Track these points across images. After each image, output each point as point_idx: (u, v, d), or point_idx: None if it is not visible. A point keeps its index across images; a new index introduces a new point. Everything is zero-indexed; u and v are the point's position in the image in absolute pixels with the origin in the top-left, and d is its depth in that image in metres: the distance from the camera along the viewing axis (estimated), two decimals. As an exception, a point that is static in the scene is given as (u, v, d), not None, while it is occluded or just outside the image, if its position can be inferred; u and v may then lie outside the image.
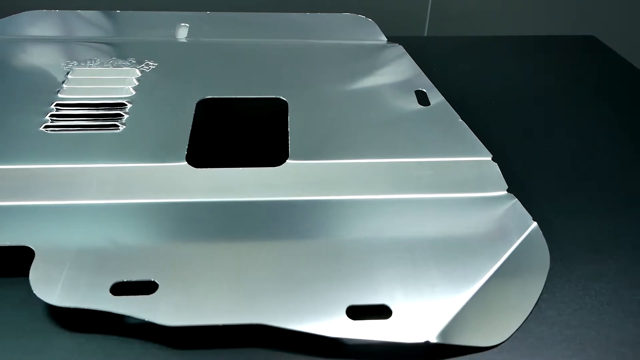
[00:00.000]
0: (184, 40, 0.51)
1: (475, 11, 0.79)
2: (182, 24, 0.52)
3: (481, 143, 0.38)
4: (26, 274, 0.31)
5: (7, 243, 0.30)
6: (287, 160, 0.36)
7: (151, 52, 0.47)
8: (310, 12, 0.56)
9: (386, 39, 0.53)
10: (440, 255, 0.31)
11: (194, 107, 0.40)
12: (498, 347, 0.28)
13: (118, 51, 0.47)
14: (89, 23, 0.52)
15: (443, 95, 0.43)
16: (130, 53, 0.47)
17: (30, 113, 0.39)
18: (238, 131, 0.43)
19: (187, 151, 0.36)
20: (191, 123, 0.38)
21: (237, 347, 0.28)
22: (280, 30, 0.53)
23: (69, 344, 0.28)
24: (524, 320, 0.30)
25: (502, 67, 0.58)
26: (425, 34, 0.82)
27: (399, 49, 0.51)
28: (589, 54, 0.63)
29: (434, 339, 0.27)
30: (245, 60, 0.48)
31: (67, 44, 0.49)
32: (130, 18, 0.53)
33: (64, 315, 0.29)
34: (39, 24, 0.52)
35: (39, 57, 0.47)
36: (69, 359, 0.27)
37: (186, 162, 0.35)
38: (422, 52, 0.52)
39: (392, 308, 0.28)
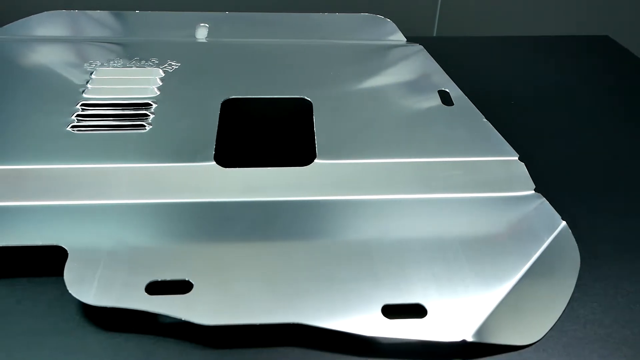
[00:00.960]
0: (205, 41, 0.51)
1: (485, 11, 0.79)
2: (202, 24, 0.52)
3: (507, 143, 0.38)
4: (59, 274, 0.31)
5: (40, 242, 0.31)
6: (315, 160, 0.36)
7: (173, 52, 0.47)
8: (318, 12, 0.56)
9: (405, 39, 0.53)
10: (472, 254, 0.32)
11: (219, 107, 0.40)
12: (533, 345, 0.28)
13: (140, 51, 0.47)
14: (108, 23, 0.53)
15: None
16: (152, 53, 0.47)
17: (56, 113, 0.39)
18: (263, 131, 0.43)
19: (215, 151, 0.36)
20: (217, 123, 0.39)
21: (272, 347, 0.28)
22: (299, 31, 0.53)
23: (105, 343, 0.28)
24: (557, 319, 0.30)
25: (515, 67, 0.59)
26: (434, 34, 0.82)
27: (419, 48, 0.51)
28: (604, 54, 0.63)
29: (470, 338, 0.27)
30: (267, 60, 0.48)
31: (89, 44, 0.49)
32: (149, 18, 0.53)
33: (99, 314, 0.29)
34: (59, 24, 0.52)
35: (62, 57, 0.47)
36: (105, 358, 0.27)
37: (215, 162, 0.35)
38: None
39: (426, 307, 0.28)
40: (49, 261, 0.32)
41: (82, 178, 0.34)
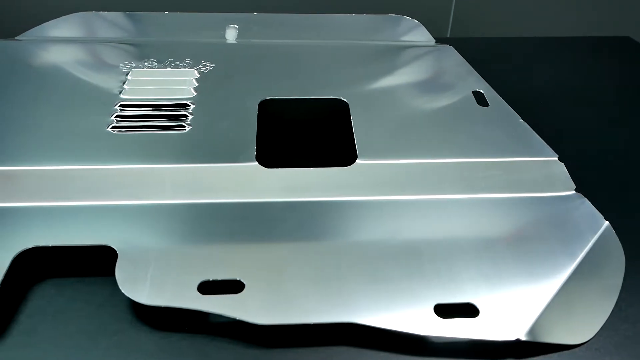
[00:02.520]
0: (235, 42, 0.52)
1: (499, 13, 0.79)
2: (231, 25, 0.52)
3: (545, 143, 0.38)
4: (105, 274, 0.31)
5: (89, 243, 0.31)
6: (356, 161, 0.36)
7: (205, 53, 0.48)
8: (332, 13, 0.56)
9: (434, 40, 0.53)
10: (518, 253, 0.32)
11: (257, 107, 0.40)
12: (585, 345, 0.28)
13: (172, 52, 0.47)
14: (137, 24, 0.53)
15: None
16: (185, 54, 0.47)
17: (95, 114, 0.39)
18: (301, 131, 0.43)
19: (255, 151, 0.36)
20: (256, 123, 0.39)
21: (325, 346, 0.28)
22: (328, 32, 0.54)
23: (160, 342, 0.28)
24: (607, 319, 0.30)
25: (534, 68, 0.59)
26: (448, 36, 0.82)
27: (450, 49, 0.51)
28: (625, 54, 0.64)
29: (523, 337, 0.27)
30: (299, 61, 0.48)
31: (122, 45, 0.49)
32: (178, 19, 0.53)
33: (150, 314, 0.29)
34: (90, 25, 0.52)
35: (96, 58, 0.47)
36: (160, 357, 0.28)
37: (257, 162, 0.35)
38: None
39: (478, 306, 0.29)
40: (94, 261, 0.32)
41: (127, 179, 0.34)
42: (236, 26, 0.52)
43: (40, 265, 0.32)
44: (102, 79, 0.43)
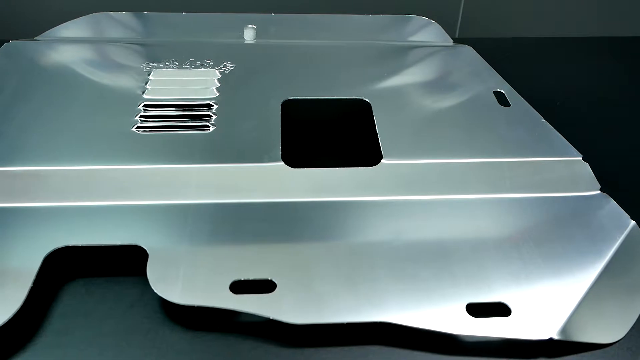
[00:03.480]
0: (254, 42, 0.52)
1: (508, 13, 0.79)
2: (250, 26, 0.52)
3: (569, 143, 0.39)
4: (133, 274, 0.32)
5: (119, 242, 0.31)
6: (382, 161, 0.36)
7: (225, 53, 0.48)
8: (343, 13, 0.57)
9: (452, 40, 0.53)
10: (546, 253, 0.32)
11: (279, 107, 0.40)
12: (617, 344, 0.28)
13: (192, 52, 0.47)
14: (155, 25, 0.53)
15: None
16: (205, 54, 0.47)
17: (120, 114, 0.39)
18: (323, 131, 0.43)
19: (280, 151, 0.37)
20: (280, 123, 0.39)
21: (357, 345, 0.28)
22: (346, 32, 0.54)
23: (192, 342, 0.28)
24: (637, 318, 0.30)
25: (546, 68, 0.59)
26: (457, 36, 0.82)
27: (469, 49, 0.51)
28: (629, 55, 0.64)
29: (556, 336, 0.27)
30: (318, 61, 0.48)
31: (142, 46, 0.49)
32: (195, 20, 0.53)
33: (179, 313, 0.29)
34: (108, 26, 0.52)
35: (117, 58, 0.47)
36: (192, 356, 0.28)
37: (283, 162, 0.36)
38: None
39: (510, 305, 0.29)
40: (122, 261, 0.32)
41: (156, 179, 0.34)
42: (254, 27, 0.52)
43: (69, 265, 0.32)
44: (124, 79, 0.43)
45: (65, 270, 0.32)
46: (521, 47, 0.65)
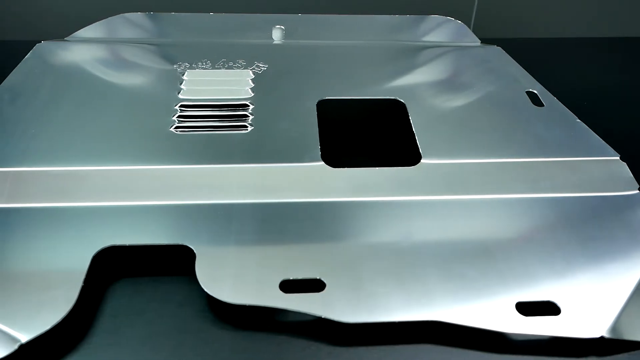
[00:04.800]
0: (283, 42, 0.52)
1: (520, 14, 0.79)
2: (278, 26, 0.53)
3: (606, 143, 0.39)
4: (178, 273, 0.32)
5: (166, 242, 0.31)
6: (421, 160, 0.36)
7: (256, 54, 0.48)
8: (360, 13, 0.57)
9: (479, 41, 0.54)
10: (590, 252, 0.32)
11: (315, 107, 0.40)
12: (667, 342, 0.29)
13: (223, 53, 0.48)
14: (184, 25, 0.53)
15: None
16: (237, 55, 0.47)
17: (157, 114, 0.39)
18: (358, 131, 0.44)
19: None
20: (317, 123, 0.39)
21: (407, 344, 0.28)
22: (374, 32, 0.54)
23: (241, 340, 0.28)
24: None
25: (567, 69, 0.59)
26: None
27: (498, 49, 0.51)
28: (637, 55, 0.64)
29: (607, 334, 0.28)
30: (349, 61, 0.48)
31: (173, 46, 0.50)
32: (224, 20, 0.54)
33: (228, 312, 0.30)
34: (136, 27, 0.52)
35: (150, 59, 0.47)
36: (242, 354, 0.28)
37: (323, 162, 0.36)
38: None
39: (559, 304, 0.29)
40: (165, 260, 0.32)
41: (197, 178, 0.34)
42: (282, 27, 0.53)
43: (114, 265, 0.32)
44: (158, 79, 0.44)
45: (111, 270, 0.32)
46: (536, 48, 0.65)
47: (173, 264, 0.32)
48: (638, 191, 0.36)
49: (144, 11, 0.54)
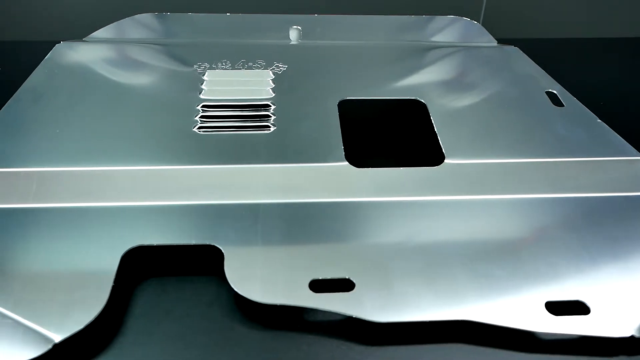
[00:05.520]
0: (300, 43, 0.52)
1: (528, 15, 0.79)
2: (294, 27, 0.53)
3: (627, 143, 0.39)
4: (206, 273, 0.32)
5: (194, 242, 0.31)
6: (445, 160, 0.37)
7: (275, 54, 0.48)
8: (364, 14, 0.57)
9: (496, 41, 0.54)
10: (616, 252, 0.32)
11: (337, 107, 0.41)
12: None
13: (242, 53, 0.48)
14: (201, 26, 0.53)
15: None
16: (255, 55, 0.47)
17: (179, 114, 0.39)
18: (379, 131, 0.44)
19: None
20: (339, 123, 0.39)
21: (437, 343, 0.28)
22: (390, 33, 0.54)
23: (271, 340, 0.28)
24: None
25: (578, 69, 0.59)
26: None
27: (516, 50, 0.52)
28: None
29: (637, 334, 0.28)
30: (366, 62, 0.49)
31: (191, 47, 0.50)
32: (240, 21, 0.54)
33: (255, 312, 0.30)
34: (154, 27, 0.52)
35: (169, 59, 0.47)
36: (275, 354, 0.28)
37: (347, 162, 0.36)
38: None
39: (588, 303, 0.29)
40: (191, 260, 0.32)
41: (223, 178, 0.35)
42: (299, 27, 0.53)
43: (140, 265, 0.32)
44: (178, 80, 0.44)
45: (138, 270, 0.32)
46: (546, 48, 0.65)
47: (198, 263, 0.32)
48: (662, 191, 0.36)
49: (159, 12, 0.54)
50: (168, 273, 0.32)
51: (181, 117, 0.39)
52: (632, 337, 0.28)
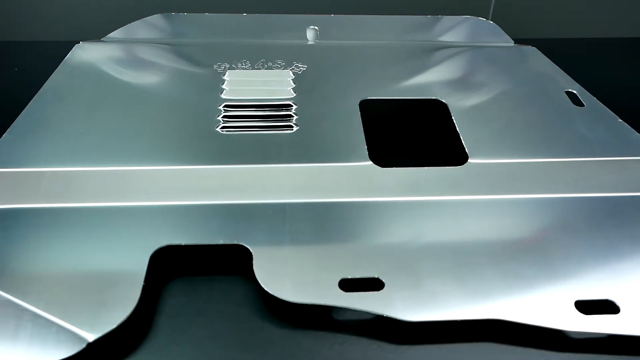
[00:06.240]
0: (317, 43, 0.52)
1: (537, 15, 0.79)
2: (312, 27, 0.53)
3: (649, 142, 0.39)
4: (233, 273, 0.32)
5: (222, 241, 0.31)
6: (468, 160, 0.37)
7: (294, 54, 0.48)
8: (375, 14, 0.57)
9: (513, 41, 0.54)
10: (640, 251, 0.32)
11: (358, 107, 0.41)
12: None
13: (261, 53, 0.48)
14: (218, 26, 0.53)
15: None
16: (275, 55, 0.48)
17: (202, 114, 0.40)
18: (401, 131, 0.44)
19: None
20: (361, 123, 0.39)
21: (468, 342, 0.29)
22: (406, 33, 0.54)
23: (302, 339, 0.28)
24: None
25: (590, 69, 0.59)
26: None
27: (533, 50, 0.52)
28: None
29: (668, 333, 0.28)
30: (385, 61, 0.49)
31: (210, 47, 0.50)
32: (259, 20, 0.54)
33: (284, 311, 0.30)
34: (171, 27, 0.52)
35: (188, 59, 0.47)
36: (308, 353, 0.28)
37: (371, 162, 0.36)
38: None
39: (617, 302, 0.29)
40: (219, 260, 0.33)
41: (248, 178, 0.35)
42: (316, 27, 0.53)
43: (168, 265, 0.32)
44: (199, 80, 0.44)
45: (166, 269, 0.32)
46: (555, 48, 0.65)
47: (226, 263, 0.32)
48: (684, 190, 0.36)
49: (178, 11, 0.54)
50: (196, 273, 0.32)
51: (203, 116, 0.39)
52: (662, 336, 0.28)
